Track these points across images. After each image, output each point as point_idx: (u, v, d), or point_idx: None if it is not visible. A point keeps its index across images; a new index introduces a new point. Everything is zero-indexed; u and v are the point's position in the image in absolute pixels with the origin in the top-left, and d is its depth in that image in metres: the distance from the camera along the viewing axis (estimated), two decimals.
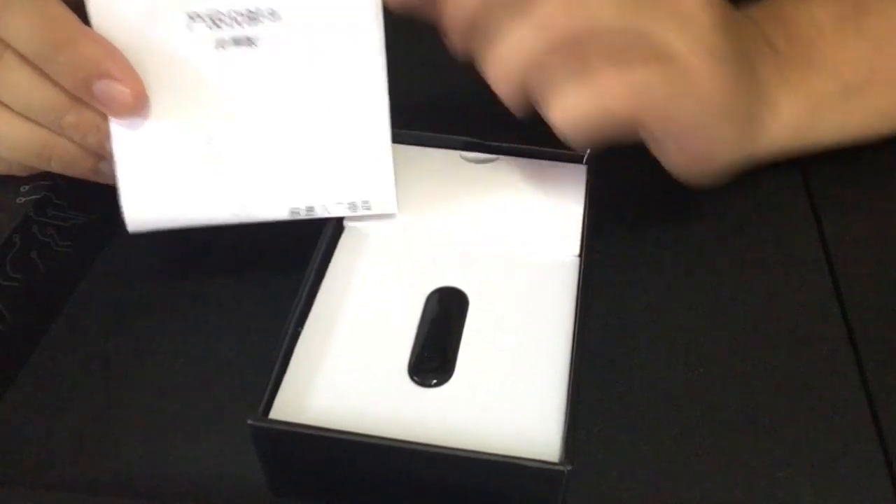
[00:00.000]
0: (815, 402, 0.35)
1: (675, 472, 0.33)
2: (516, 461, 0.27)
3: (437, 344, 0.32)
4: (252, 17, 0.33)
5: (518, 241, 0.36)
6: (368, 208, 0.36)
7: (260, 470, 0.31)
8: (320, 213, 0.36)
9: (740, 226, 0.43)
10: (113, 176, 0.35)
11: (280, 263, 0.40)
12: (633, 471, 0.33)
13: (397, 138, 0.40)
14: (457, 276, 0.34)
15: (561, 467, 0.27)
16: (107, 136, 0.34)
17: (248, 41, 0.33)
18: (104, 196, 0.36)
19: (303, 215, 0.35)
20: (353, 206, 0.36)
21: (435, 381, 0.31)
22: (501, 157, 0.40)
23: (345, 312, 0.33)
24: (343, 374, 0.31)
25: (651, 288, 0.40)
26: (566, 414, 0.29)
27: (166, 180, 0.35)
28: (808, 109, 0.41)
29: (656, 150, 0.37)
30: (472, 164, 0.39)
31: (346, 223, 0.36)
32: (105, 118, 0.34)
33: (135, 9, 0.33)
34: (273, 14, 0.33)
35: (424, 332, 0.32)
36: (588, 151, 0.39)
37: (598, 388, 0.35)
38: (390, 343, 0.32)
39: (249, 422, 0.28)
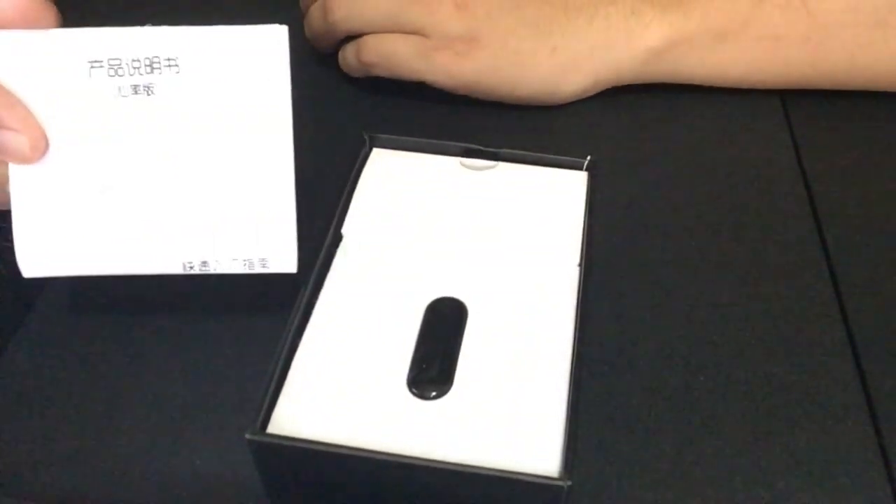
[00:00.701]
0: (816, 408, 0.35)
1: (676, 481, 0.33)
2: (516, 476, 0.27)
3: (436, 355, 0.32)
4: (151, 64, 0.33)
5: (518, 250, 0.36)
6: (266, 266, 0.35)
7: (258, 479, 0.31)
8: (214, 268, 0.34)
9: (740, 232, 0.43)
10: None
11: (278, 273, 0.40)
12: (633, 478, 0.33)
13: (399, 144, 0.40)
14: (456, 285, 0.34)
15: (560, 482, 0.27)
16: (6, 179, 0.33)
17: (147, 89, 0.33)
18: None
19: (196, 270, 0.35)
20: (249, 263, 0.34)
21: (434, 393, 0.30)
22: (501, 163, 0.39)
23: (343, 323, 0.33)
24: (341, 386, 0.31)
25: (651, 294, 0.40)
26: (566, 427, 0.29)
27: (61, 228, 0.34)
28: (672, 43, 0.46)
29: None
30: (472, 171, 0.39)
31: (344, 231, 0.36)
32: (4, 163, 0.33)
33: (36, 56, 0.32)
34: (171, 62, 0.33)
35: (423, 344, 0.32)
36: (588, 158, 0.39)
37: (599, 396, 0.35)
38: (389, 354, 0.32)
39: (247, 436, 0.28)
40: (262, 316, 0.38)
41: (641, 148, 0.47)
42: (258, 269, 0.35)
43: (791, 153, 0.47)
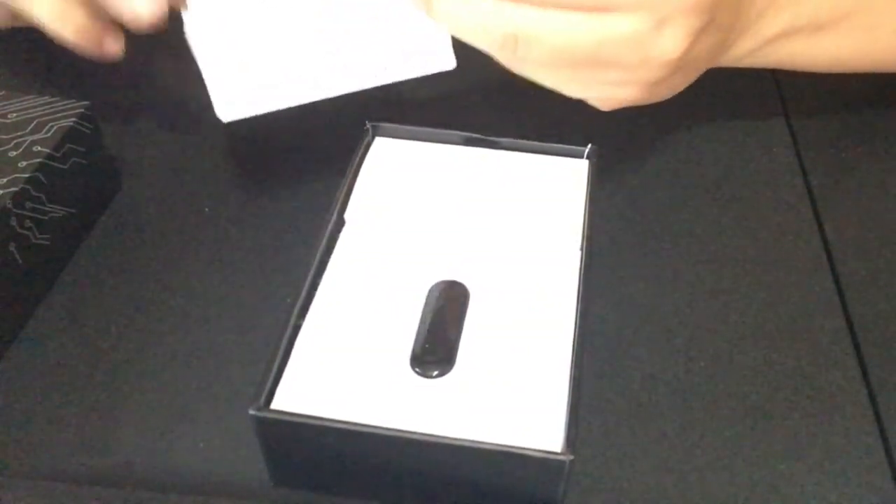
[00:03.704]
0: (816, 395, 0.35)
1: (676, 465, 0.33)
2: (518, 451, 0.27)
3: (438, 335, 0.32)
4: None
5: (520, 235, 0.36)
6: (429, 68, 0.39)
7: (261, 459, 0.31)
8: (392, 79, 0.39)
9: (739, 220, 0.43)
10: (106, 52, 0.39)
11: (282, 255, 0.40)
12: (635, 462, 0.33)
13: (401, 133, 0.40)
14: (458, 269, 0.34)
15: (563, 457, 0.27)
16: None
17: None
18: (82, 189, 0.37)
19: (380, 81, 0.39)
20: (413, 67, 0.39)
21: (437, 372, 0.31)
22: (502, 152, 0.40)
23: (347, 304, 0.33)
24: (345, 365, 0.31)
25: (652, 282, 0.40)
26: (568, 404, 0.29)
27: (248, 65, 0.37)
28: (785, 30, 0.43)
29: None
30: (473, 159, 0.39)
31: (347, 217, 0.36)
32: None
33: None
34: None
35: (426, 324, 0.32)
36: (590, 147, 0.39)
37: (600, 380, 0.35)
38: (392, 335, 0.32)
39: (251, 412, 0.28)
40: (265, 301, 0.38)
41: (642, 138, 0.48)
42: (424, 72, 0.39)
43: (790, 145, 0.47)
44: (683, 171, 0.46)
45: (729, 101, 0.50)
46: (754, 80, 0.50)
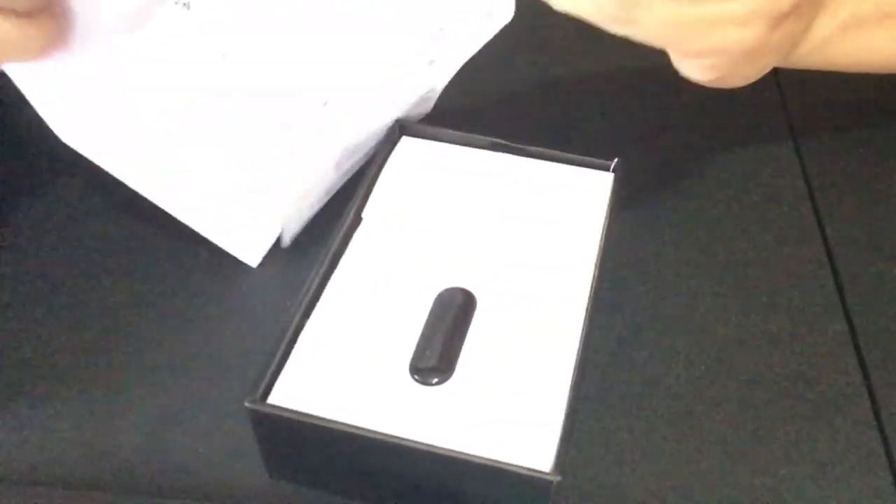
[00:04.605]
0: (817, 398, 0.35)
1: (676, 468, 0.33)
2: (506, 467, 0.27)
3: (440, 343, 0.32)
4: None
5: (535, 246, 0.36)
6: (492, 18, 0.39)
7: (260, 464, 0.31)
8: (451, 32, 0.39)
9: (741, 225, 0.42)
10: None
11: (296, 252, 0.40)
12: (635, 466, 0.33)
13: (428, 134, 0.40)
14: (468, 276, 0.34)
15: (550, 477, 0.27)
16: None
17: None
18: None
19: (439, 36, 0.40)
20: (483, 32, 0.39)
21: (435, 380, 0.31)
22: (528, 159, 0.39)
23: (354, 305, 0.33)
24: (345, 365, 0.31)
25: (652, 283, 0.39)
26: (563, 423, 0.29)
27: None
28: (843, 27, 0.41)
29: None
30: (498, 165, 0.39)
31: (364, 215, 0.37)
32: None
33: None
34: None
35: (429, 331, 0.32)
36: (616, 160, 0.39)
37: (600, 385, 0.35)
38: (395, 339, 0.32)
39: (246, 404, 0.29)
40: (267, 302, 0.38)
41: (642, 139, 0.47)
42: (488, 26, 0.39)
43: (790, 145, 0.47)
44: (683, 172, 0.45)
45: (729, 102, 0.49)
46: (755, 82, 0.49)
